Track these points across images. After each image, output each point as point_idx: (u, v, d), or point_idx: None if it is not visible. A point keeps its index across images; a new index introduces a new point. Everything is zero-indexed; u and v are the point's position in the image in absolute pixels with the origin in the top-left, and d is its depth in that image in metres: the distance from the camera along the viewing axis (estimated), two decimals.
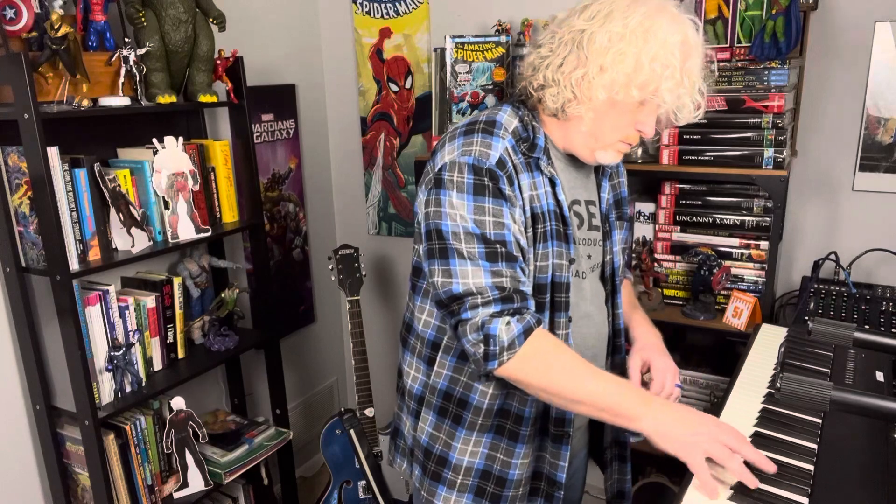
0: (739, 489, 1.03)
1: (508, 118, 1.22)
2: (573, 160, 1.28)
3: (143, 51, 1.73)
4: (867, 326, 1.75)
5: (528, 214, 1.19)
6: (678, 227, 2.05)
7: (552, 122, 1.24)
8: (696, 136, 1.89)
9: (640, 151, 1.96)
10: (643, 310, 1.53)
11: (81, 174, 1.65)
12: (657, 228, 2.08)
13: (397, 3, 2.54)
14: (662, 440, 1.06)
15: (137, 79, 1.72)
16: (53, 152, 1.56)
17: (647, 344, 1.40)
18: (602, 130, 1.19)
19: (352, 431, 2.31)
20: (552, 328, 1.24)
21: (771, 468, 1.02)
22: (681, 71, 1.11)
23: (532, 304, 1.17)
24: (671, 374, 1.35)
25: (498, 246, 1.14)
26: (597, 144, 1.21)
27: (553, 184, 1.22)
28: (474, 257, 1.13)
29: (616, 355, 1.42)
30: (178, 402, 1.89)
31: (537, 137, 1.22)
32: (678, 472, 1.08)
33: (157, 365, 1.94)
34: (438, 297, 1.17)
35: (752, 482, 1.00)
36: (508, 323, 1.11)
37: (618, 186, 1.41)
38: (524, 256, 1.18)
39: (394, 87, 2.64)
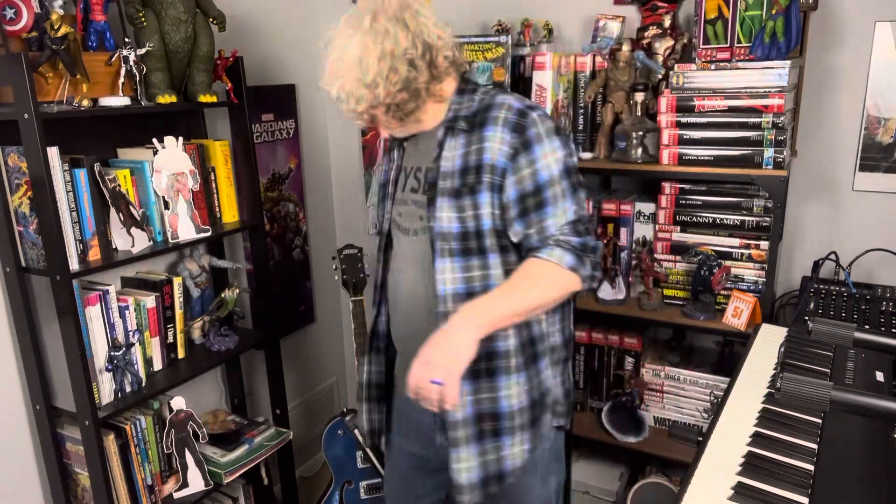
0: (739, 489, 1.03)
1: None
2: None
3: (143, 51, 1.73)
4: (867, 326, 1.75)
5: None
6: (678, 227, 2.05)
7: None
8: (695, 137, 1.89)
9: (640, 151, 1.96)
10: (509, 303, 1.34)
11: (81, 174, 1.65)
12: (657, 228, 2.08)
13: None
14: None
15: (137, 79, 1.72)
16: (53, 152, 1.56)
17: (444, 328, 1.28)
18: None
19: (355, 431, 2.31)
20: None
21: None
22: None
23: None
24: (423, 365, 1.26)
25: None
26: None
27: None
28: None
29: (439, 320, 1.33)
30: (178, 402, 1.89)
31: None
32: (678, 472, 1.08)
33: (157, 365, 1.94)
34: None
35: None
36: None
37: (476, 153, 1.34)
38: None
39: None
